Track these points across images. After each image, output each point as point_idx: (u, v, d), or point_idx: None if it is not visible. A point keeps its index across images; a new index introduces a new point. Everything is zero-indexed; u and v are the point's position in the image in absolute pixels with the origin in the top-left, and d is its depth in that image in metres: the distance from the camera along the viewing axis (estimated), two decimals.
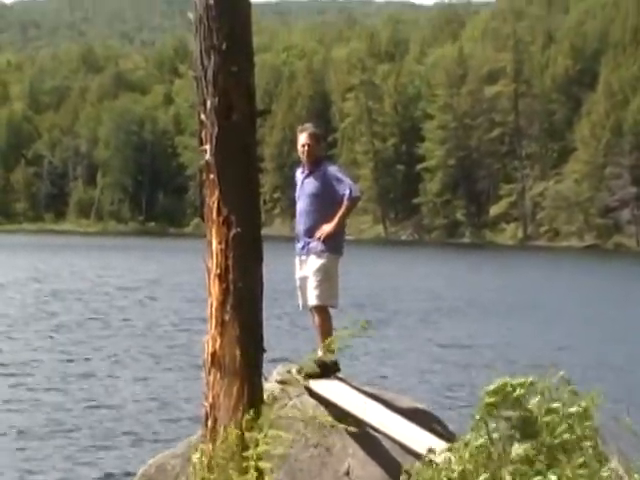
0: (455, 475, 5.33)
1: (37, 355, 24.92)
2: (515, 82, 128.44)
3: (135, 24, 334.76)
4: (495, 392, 5.70)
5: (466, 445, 5.54)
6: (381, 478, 8.17)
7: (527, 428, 5.53)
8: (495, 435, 5.55)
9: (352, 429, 8.38)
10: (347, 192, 9.65)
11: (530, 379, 5.74)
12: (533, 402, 5.64)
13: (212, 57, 5.77)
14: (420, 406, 9.51)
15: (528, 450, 5.37)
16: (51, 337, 28.47)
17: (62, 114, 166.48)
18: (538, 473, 5.25)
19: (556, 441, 5.48)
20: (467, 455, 5.42)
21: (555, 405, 5.68)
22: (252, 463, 5.05)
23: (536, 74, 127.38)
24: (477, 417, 5.70)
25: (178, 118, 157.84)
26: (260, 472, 5.01)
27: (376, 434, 8.28)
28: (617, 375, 23.05)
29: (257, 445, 5.05)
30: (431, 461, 5.75)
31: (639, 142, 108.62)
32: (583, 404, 5.56)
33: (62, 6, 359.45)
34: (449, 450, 5.62)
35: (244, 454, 5.13)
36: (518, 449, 5.40)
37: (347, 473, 8.41)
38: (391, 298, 44.26)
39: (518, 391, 5.62)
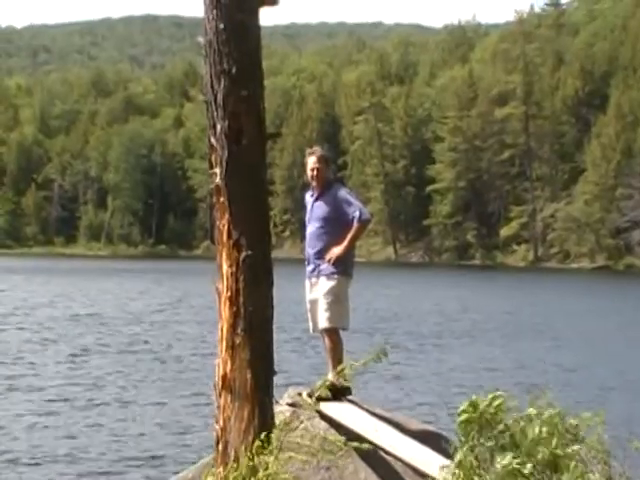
0: None
1: (49, 378, 24.96)
2: (525, 104, 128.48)
3: (145, 48, 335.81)
4: (465, 411, 5.72)
5: (459, 464, 5.56)
6: None
7: (506, 442, 5.55)
8: (477, 451, 5.57)
9: (363, 451, 8.38)
10: (357, 215, 9.62)
11: (494, 396, 5.76)
12: (509, 419, 5.68)
13: (222, 81, 5.80)
14: (431, 428, 9.50)
15: (510, 460, 5.39)
16: (65, 360, 28.49)
17: (72, 138, 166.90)
18: None
19: (539, 450, 5.49)
20: (461, 474, 5.44)
21: (530, 410, 5.70)
22: None
23: (546, 96, 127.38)
24: (460, 438, 5.73)
25: (188, 141, 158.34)
26: None
27: (387, 456, 8.27)
28: (623, 397, 22.97)
29: (267, 468, 5.05)
30: None
31: None
32: (573, 422, 5.58)
33: (72, 30, 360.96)
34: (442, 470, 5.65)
35: (254, 478, 5.14)
36: (501, 461, 5.41)
37: None
38: (402, 320, 44.21)
39: (490, 409, 5.64)
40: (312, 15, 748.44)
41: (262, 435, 5.23)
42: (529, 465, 5.42)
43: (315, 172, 9.75)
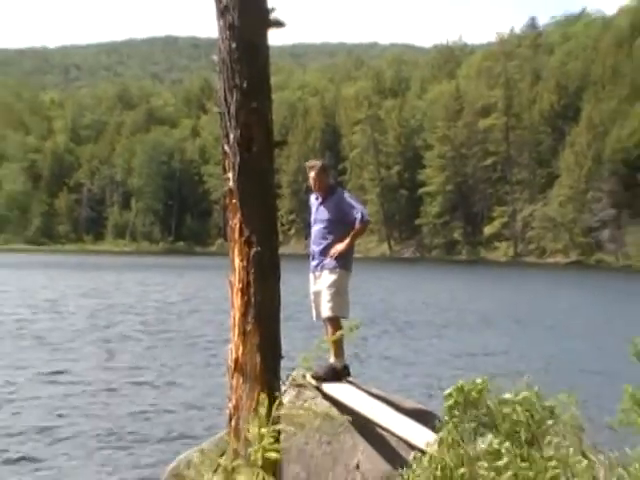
0: (438, 473, 5.32)
1: (85, 360, 24.98)
2: (506, 115, 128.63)
3: (165, 66, 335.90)
4: (450, 395, 5.70)
5: (441, 442, 5.53)
6: (388, 471, 8.16)
7: (488, 423, 5.52)
8: (461, 429, 5.54)
9: (362, 427, 8.38)
10: (359, 216, 9.80)
11: (479, 380, 5.73)
12: (491, 400, 5.64)
13: (234, 95, 5.79)
14: (423, 407, 9.49)
15: (491, 441, 5.35)
16: (99, 345, 28.47)
17: (100, 146, 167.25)
18: (509, 464, 5.21)
19: (518, 431, 5.46)
20: (446, 452, 5.41)
21: (507, 396, 5.67)
22: (259, 455, 5.05)
23: (525, 108, 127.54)
24: (445, 418, 5.70)
25: (204, 149, 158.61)
26: (266, 463, 5.02)
27: (383, 432, 8.27)
28: (593, 380, 22.92)
29: (262, 439, 5.06)
30: (421, 455, 5.73)
31: (617, 169, 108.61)
32: (549, 403, 5.55)
33: (100, 50, 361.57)
34: (425, 450, 5.60)
35: (252, 448, 5.14)
36: (483, 443, 5.38)
37: (357, 467, 8.40)
38: (397, 310, 44.19)
39: (474, 392, 5.62)
40: (315, 36, 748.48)
41: (265, 411, 5.22)
42: (507, 444, 5.39)
43: (317, 183, 10.00)
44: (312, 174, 10.01)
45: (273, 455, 5.01)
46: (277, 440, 5.10)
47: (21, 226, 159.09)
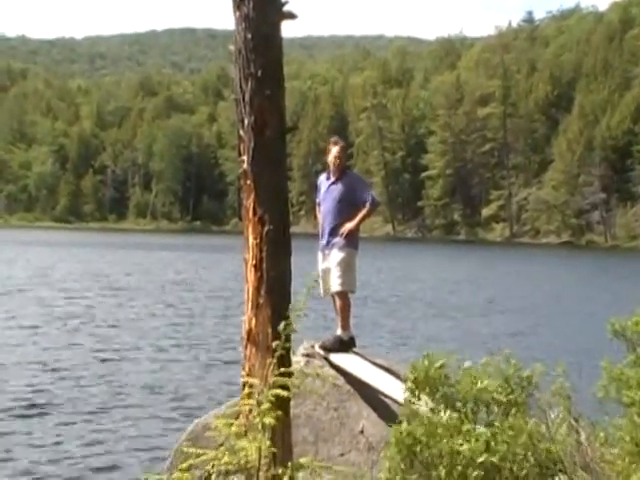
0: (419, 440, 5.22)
1: (113, 330, 25.18)
2: (503, 105, 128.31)
3: (184, 55, 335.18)
4: (414, 369, 5.57)
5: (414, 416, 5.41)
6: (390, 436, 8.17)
7: (456, 395, 5.41)
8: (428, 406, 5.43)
9: (366, 394, 8.39)
10: (370, 199, 9.75)
11: (437, 359, 5.57)
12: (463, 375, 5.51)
13: (249, 83, 5.77)
14: None
15: (453, 418, 5.24)
16: (126, 316, 28.60)
17: (123, 131, 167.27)
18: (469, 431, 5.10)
19: (487, 397, 5.33)
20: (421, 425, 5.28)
21: (467, 364, 5.56)
22: (257, 420, 5.06)
23: (521, 98, 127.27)
24: (406, 394, 5.59)
25: (220, 134, 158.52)
26: (265, 428, 5.02)
27: (386, 399, 8.28)
28: (572, 357, 22.89)
29: (261, 404, 5.06)
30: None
31: (607, 155, 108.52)
32: (525, 374, 5.44)
33: (123, 41, 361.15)
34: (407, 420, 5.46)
35: (255, 412, 5.15)
36: (444, 417, 5.28)
37: (362, 432, 8.42)
38: (400, 285, 44.25)
39: (434, 369, 5.49)
40: (325, 29, 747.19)
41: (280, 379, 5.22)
42: (458, 404, 5.29)
43: (337, 160, 9.82)
44: (335, 150, 9.84)
45: (270, 420, 5.00)
46: (278, 406, 5.09)
47: (49, 205, 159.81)
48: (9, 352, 20.75)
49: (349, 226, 9.63)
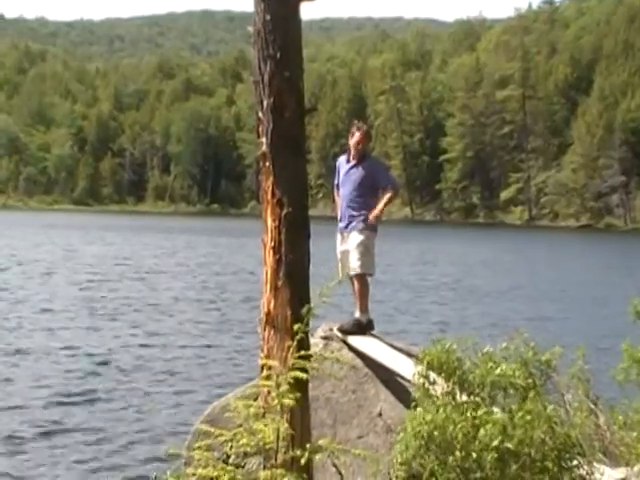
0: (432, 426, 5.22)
1: (144, 307, 25.43)
2: (522, 87, 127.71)
3: (202, 38, 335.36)
4: (425, 356, 5.56)
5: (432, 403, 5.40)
6: None
7: (471, 380, 5.39)
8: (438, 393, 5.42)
9: (384, 377, 8.40)
10: (391, 184, 9.86)
11: (449, 343, 5.55)
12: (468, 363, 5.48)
13: (268, 64, 5.76)
14: None
15: (469, 402, 5.23)
16: (152, 295, 28.74)
17: (141, 113, 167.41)
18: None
19: (503, 382, 5.31)
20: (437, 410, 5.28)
21: (486, 349, 5.53)
22: (276, 401, 5.08)
23: (540, 80, 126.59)
24: (420, 380, 5.57)
25: (238, 117, 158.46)
26: (284, 409, 5.05)
27: (403, 382, 8.29)
28: (594, 340, 22.80)
29: (279, 386, 5.08)
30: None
31: (627, 138, 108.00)
32: (544, 357, 5.42)
33: (142, 23, 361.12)
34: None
35: (273, 394, 5.17)
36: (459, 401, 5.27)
37: (380, 414, 8.44)
38: (420, 269, 44.19)
39: (448, 355, 5.47)
40: (344, 11, 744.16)
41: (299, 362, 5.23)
42: (476, 389, 5.28)
43: (360, 145, 9.84)
44: (359, 133, 9.85)
45: (289, 402, 5.02)
46: (296, 388, 5.11)
47: (68, 188, 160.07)
48: (44, 337, 20.84)
49: (376, 212, 9.63)
